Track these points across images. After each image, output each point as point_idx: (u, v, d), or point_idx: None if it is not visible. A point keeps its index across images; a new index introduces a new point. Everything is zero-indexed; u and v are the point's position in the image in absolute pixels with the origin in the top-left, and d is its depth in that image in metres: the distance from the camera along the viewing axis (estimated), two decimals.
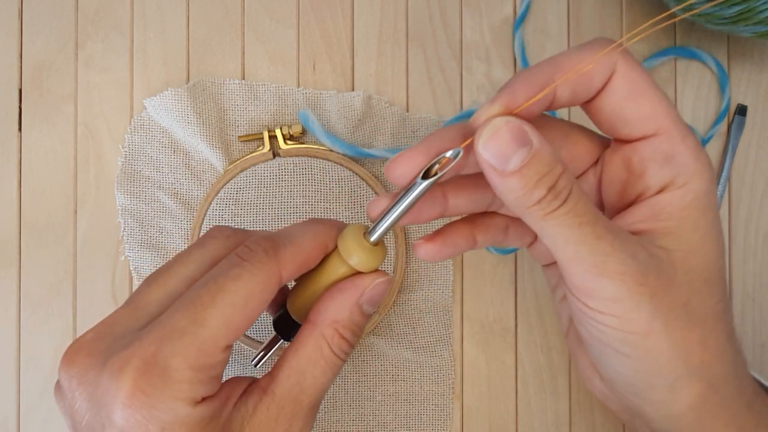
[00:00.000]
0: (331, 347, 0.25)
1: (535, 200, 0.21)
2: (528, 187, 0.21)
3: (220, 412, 0.24)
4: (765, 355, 0.41)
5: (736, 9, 0.35)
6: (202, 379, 0.23)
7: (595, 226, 0.22)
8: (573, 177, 0.22)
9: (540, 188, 0.21)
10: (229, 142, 0.40)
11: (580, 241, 0.22)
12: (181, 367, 0.22)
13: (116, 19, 0.41)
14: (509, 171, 0.21)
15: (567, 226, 0.22)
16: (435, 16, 0.41)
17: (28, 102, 0.40)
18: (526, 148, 0.21)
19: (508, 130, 0.21)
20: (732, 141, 0.41)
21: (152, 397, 0.22)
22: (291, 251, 0.24)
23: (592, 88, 0.23)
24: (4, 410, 0.39)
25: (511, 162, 0.21)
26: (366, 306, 0.26)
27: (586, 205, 0.22)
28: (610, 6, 0.42)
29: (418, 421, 0.40)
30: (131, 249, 0.40)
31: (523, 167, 0.21)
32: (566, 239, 0.22)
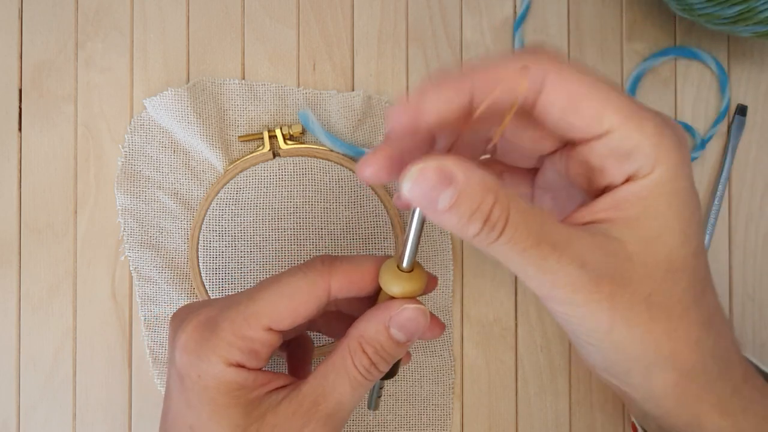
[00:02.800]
0: (353, 359, 0.27)
1: (472, 234, 0.22)
2: (462, 223, 0.21)
3: (251, 388, 0.27)
4: (765, 356, 0.41)
5: (736, 9, 0.35)
6: (241, 346, 0.26)
7: (539, 248, 0.22)
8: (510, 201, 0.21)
9: (474, 223, 0.21)
10: (229, 142, 0.40)
11: (526, 264, 0.22)
12: (226, 329, 0.26)
13: (116, 19, 0.41)
14: (440, 211, 0.21)
15: (510, 253, 0.22)
16: (435, 16, 0.41)
17: (28, 102, 0.40)
18: (452, 188, 0.21)
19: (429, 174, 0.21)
20: (732, 141, 0.41)
21: (199, 346, 0.26)
22: (344, 267, 0.27)
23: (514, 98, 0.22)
24: (4, 410, 0.39)
25: (439, 203, 0.21)
26: (395, 330, 0.26)
27: (527, 229, 0.21)
28: (610, 6, 0.42)
29: (418, 421, 0.40)
30: (131, 249, 0.40)
31: (452, 206, 0.21)
32: (513, 263, 0.22)
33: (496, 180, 0.22)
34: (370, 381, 0.27)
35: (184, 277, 0.40)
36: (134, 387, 0.40)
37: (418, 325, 0.27)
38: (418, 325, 0.27)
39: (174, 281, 0.39)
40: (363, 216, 0.39)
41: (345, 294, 0.28)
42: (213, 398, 0.26)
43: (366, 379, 0.27)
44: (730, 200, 0.42)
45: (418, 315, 0.26)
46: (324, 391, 0.27)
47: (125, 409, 0.40)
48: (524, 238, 0.21)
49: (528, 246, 0.21)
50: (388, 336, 0.27)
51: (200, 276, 0.39)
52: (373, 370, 0.27)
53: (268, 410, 0.27)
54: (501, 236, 0.21)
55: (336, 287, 0.27)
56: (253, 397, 0.27)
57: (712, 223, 0.41)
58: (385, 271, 0.27)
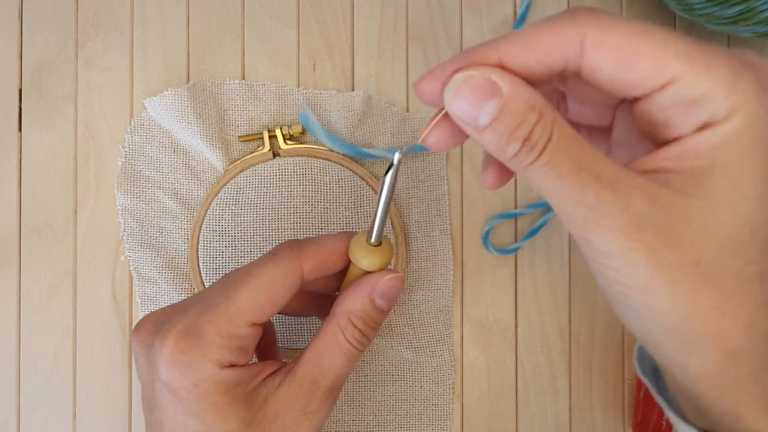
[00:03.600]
0: (345, 335, 0.28)
1: (511, 154, 0.20)
2: (502, 142, 0.20)
3: (246, 382, 0.27)
4: None
5: (736, 9, 0.35)
6: (230, 346, 0.27)
7: (579, 175, 0.19)
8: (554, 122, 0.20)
9: (514, 142, 0.20)
10: (229, 142, 0.40)
11: (563, 194, 0.20)
12: (212, 332, 0.26)
13: (116, 19, 0.41)
14: (481, 127, 0.20)
15: (547, 179, 0.20)
16: (435, 16, 0.41)
17: (28, 102, 0.40)
18: (495, 100, 0.20)
19: (469, 85, 0.20)
20: None
21: (187, 356, 0.26)
22: (313, 249, 0.29)
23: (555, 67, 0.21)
24: (4, 410, 0.39)
25: (480, 117, 0.20)
26: (378, 300, 0.29)
27: (568, 154, 0.20)
28: (610, 6, 0.42)
29: (418, 421, 0.40)
30: (131, 249, 0.40)
31: (493, 121, 0.20)
32: (549, 192, 0.20)
33: (543, 99, 0.20)
34: (361, 350, 0.29)
35: (184, 277, 0.40)
36: (134, 387, 0.40)
37: (397, 291, 0.29)
38: (397, 291, 0.29)
39: (174, 281, 0.39)
40: (363, 216, 0.39)
41: (316, 275, 0.29)
42: (214, 401, 0.27)
43: (358, 349, 0.29)
44: None
45: (397, 283, 0.29)
46: (321, 369, 0.28)
47: (125, 409, 0.40)
48: (563, 163, 0.20)
49: (566, 172, 0.20)
50: (374, 306, 0.29)
51: (200, 276, 0.39)
52: (364, 340, 0.29)
53: (268, 397, 0.28)
54: (539, 158, 0.20)
55: (308, 270, 0.29)
56: (250, 389, 0.28)
57: None
58: (355, 247, 0.29)
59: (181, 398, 0.27)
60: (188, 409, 0.27)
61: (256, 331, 0.28)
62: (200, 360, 0.26)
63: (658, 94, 0.20)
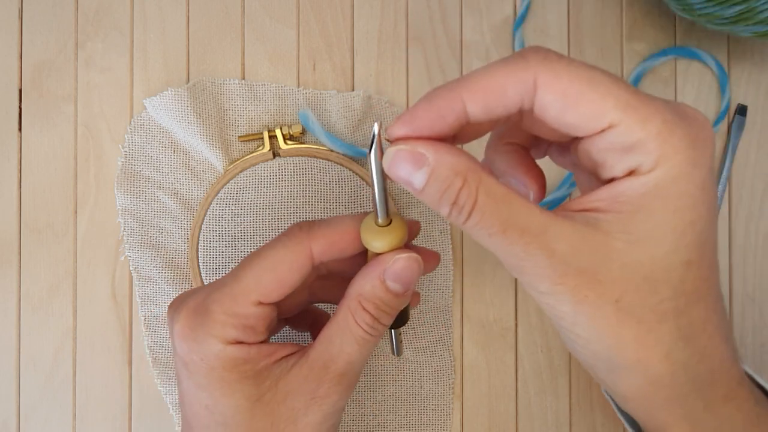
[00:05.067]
0: (355, 318, 0.28)
1: (445, 214, 0.23)
2: (434, 204, 0.23)
3: (257, 360, 0.28)
4: (765, 355, 0.41)
5: (736, 9, 0.35)
6: (234, 324, 0.27)
7: (505, 234, 0.22)
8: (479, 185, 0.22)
9: (444, 204, 0.23)
10: (229, 142, 0.40)
11: (495, 248, 0.23)
12: (217, 310, 0.27)
13: (116, 19, 0.41)
14: (417, 190, 0.23)
15: (480, 237, 0.23)
16: (435, 16, 0.41)
17: (28, 102, 0.40)
18: (423, 169, 0.22)
19: (401, 157, 0.23)
20: (732, 141, 0.41)
21: (195, 332, 0.27)
22: (323, 230, 0.28)
23: (511, 107, 0.22)
24: (4, 410, 0.39)
25: (415, 183, 0.23)
26: (391, 282, 0.27)
27: (494, 214, 0.22)
28: (610, 6, 0.42)
29: (418, 421, 0.40)
30: (131, 249, 0.40)
31: (424, 186, 0.23)
32: (485, 245, 0.23)
33: (470, 163, 0.22)
34: (375, 336, 0.28)
35: (184, 277, 0.40)
36: (134, 387, 0.40)
37: (413, 272, 0.27)
38: (413, 272, 0.27)
39: (174, 281, 0.39)
40: None
41: (329, 256, 0.28)
42: (221, 376, 0.27)
43: (371, 335, 0.28)
44: (730, 200, 0.42)
45: (410, 263, 0.27)
46: (332, 353, 0.28)
47: (125, 409, 0.40)
48: (491, 224, 0.22)
49: (494, 232, 0.22)
50: (386, 289, 0.27)
51: (200, 276, 0.39)
52: (377, 325, 0.28)
53: (280, 378, 0.28)
54: (469, 219, 0.22)
55: (318, 251, 0.28)
56: (260, 367, 0.28)
57: None
58: (364, 229, 0.27)
59: (192, 372, 0.28)
60: (198, 382, 0.28)
61: (264, 311, 0.28)
62: (205, 336, 0.27)
63: (597, 137, 0.22)
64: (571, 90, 0.21)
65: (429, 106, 0.23)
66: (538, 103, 0.22)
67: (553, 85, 0.22)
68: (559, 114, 0.22)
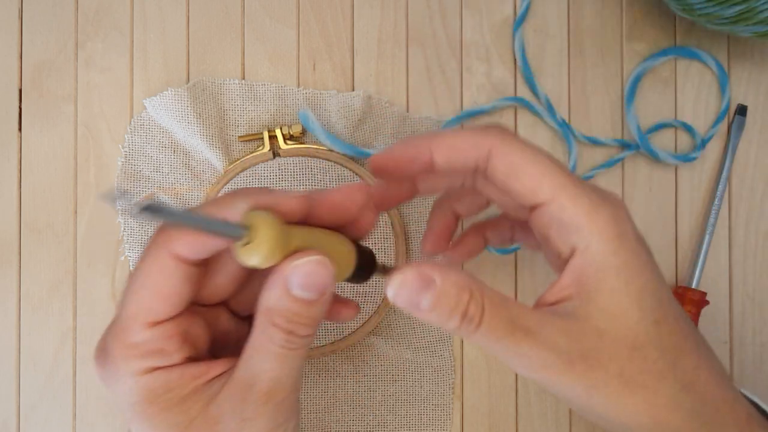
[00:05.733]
0: (268, 335, 0.25)
1: (454, 328, 0.24)
2: (443, 320, 0.24)
3: (180, 385, 0.25)
4: (765, 355, 0.41)
5: (736, 9, 0.35)
6: (136, 354, 0.25)
7: (513, 336, 0.24)
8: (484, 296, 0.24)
9: (453, 319, 0.24)
10: (229, 142, 0.40)
11: (504, 351, 0.24)
12: (115, 346, 0.25)
13: (116, 19, 0.41)
14: (424, 311, 0.24)
15: (488, 342, 0.24)
16: (435, 16, 0.41)
17: (28, 102, 0.40)
18: (431, 290, 0.24)
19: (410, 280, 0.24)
20: (732, 141, 0.41)
21: (105, 373, 0.26)
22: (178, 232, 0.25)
23: (468, 165, 0.26)
24: (4, 410, 0.39)
25: (422, 305, 0.24)
26: (297, 291, 0.24)
27: (501, 320, 0.24)
28: (610, 6, 0.42)
29: (418, 421, 0.40)
30: (131, 249, 0.40)
31: (433, 306, 0.24)
32: (494, 351, 0.25)
33: (470, 278, 0.24)
34: (296, 349, 0.25)
35: None
36: None
37: (320, 275, 0.24)
38: (320, 275, 0.24)
39: None
40: None
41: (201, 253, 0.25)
42: (143, 410, 0.25)
43: (290, 349, 0.25)
44: (730, 200, 0.42)
45: (313, 266, 0.24)
46: (253, 372, 0.25)
47: None
48: (499, 328, 0.24)
49: (502, 335, 0.24)
50: (294, 299, 0.24)
51: None
52: (293, 338, 0.25)
53: (211, 400, 0.26)
54: (479, 328, 0.24)
55: (184, 251, 0.24)
56: (188, 392, 0.26)
57: (712, 223, 0.41)
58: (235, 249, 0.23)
59: (123, 411, 0.26)
60: (129, 420, 0.26)
61: (165, 329, 0.25)
62: (115, 375, 0.26)
63: (538, 211, 0.25)
64: (517, 163, 0.25)
65: (404, 149, 0.26)
66: (490, 168, 0.26)
67: (504, 156, 0.25)
68: (505, 180, 0.26)
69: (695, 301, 0.39)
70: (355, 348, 0.40)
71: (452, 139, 0.26)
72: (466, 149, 0.26)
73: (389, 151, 0.27)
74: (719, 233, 0.41)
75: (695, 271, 0.40)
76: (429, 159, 0.27)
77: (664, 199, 0.41)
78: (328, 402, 0.40)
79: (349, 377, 0.40)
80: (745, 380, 0.41)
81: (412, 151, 0.27)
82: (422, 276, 0.24)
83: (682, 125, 0.41)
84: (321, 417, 0.39)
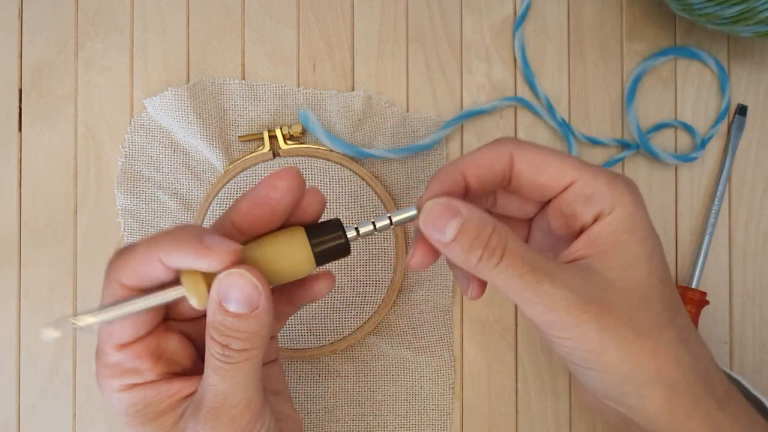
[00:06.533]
0: (208, 349, 0.26)
1: (475, 260, 0.25)
2: (466, 251, 0.25)
3: (156, 401, 0.27)
4: (765, 355, 0.41)
5: (736, 9, 0.35)
6: (111, 374, 0.27)
7: (535, 273, 0.25)
8: (507, 234, 0.26)
9: (476, 250, 0.25)
10: (229, 142, 0.40)
11: (525, 288, 0.25)
12: (98, 364, 0.28)
13: (116, 19, 0.41)
14: (448, 240, 0.25)
15: (511, 278, 0.25)
16: (435, 16, 0.41)
17: (28, 102, 0.40)
18: (457, 219, 0.25)
19: (437, 207, 0.26)
20: (732, 141, 0.41)
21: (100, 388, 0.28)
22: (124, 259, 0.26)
23: (497, 176, 0.28)
24: (4, 410, 0.39)
25: (447, 233, 0.25)
26: (228, 305, 0.25)
27: (524, 257, 0.25)
28: (610, 6, 0.42)
29: (418, 421, 0.40)
30: None
31: (457, 235, 0.25)
32: (514, 289, 0.25)
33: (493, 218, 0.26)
34: (235, 363, 0.26)
35: None
36: None
37: (245, 288, 0.25)
38: (245, 288, 0.25)
39: None
40: (363, 216, 0.39)
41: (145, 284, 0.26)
42: (129, 422, 0.28)
43: (228, 363, 0.26)
44: (730, 200, 0.42)
45: (237, 280, 0.25)
46: (203, 387, 0.26)
47: None
48: (522, 264, 0.25)
49: (526, 271, 0.25)
50: (226, 313, 0.25)
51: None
52: (230, 352, 0.25)
53: (181, 416, 0.27)
54: (501, 261, 0.25)
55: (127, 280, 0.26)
56: (163, 408, 0.27)
57: (712, 223, 0.41)
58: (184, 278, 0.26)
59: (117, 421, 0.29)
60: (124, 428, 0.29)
61: (134, 349, 0.27)
62: (103, 389, 0.28)
63: (564, 193, 0.27)
64: (538, 159, 0.27)
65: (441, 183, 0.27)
66: (515, 172, 0.28)
67: (525, 157, 0.27)
68: (532, 177, 0.27)
69: (695, 301, 0.39)
70: (355, 348, 0.40)
71: (476, 157, 0.28)
72: (492, 163, 0.27)
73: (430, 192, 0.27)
74: (719, 233, 0.41)
75: (695, 271, 0.40)
76: (463, 182, 0.28)
77: (664, 199, 0.41)
78: (328, 402, 0.40)
79: (349, 377, 0.40)
80: None
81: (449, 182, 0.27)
82: (449, 206, 0.26)
83: (682, 125, 0.41)
84: (321, 417, 0.39)
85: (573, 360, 0.27)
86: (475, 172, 0.27)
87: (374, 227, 0.28)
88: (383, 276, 0.39)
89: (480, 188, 0.28)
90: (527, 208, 0.30)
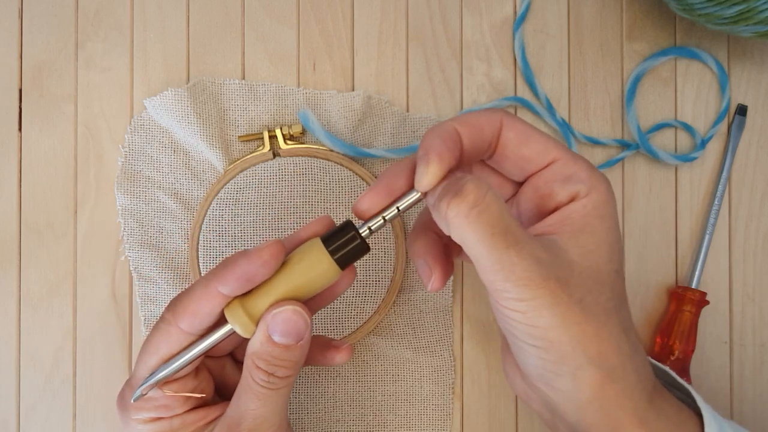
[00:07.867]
0: (252, 376, 0.29)
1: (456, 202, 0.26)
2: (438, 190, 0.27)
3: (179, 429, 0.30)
4: (765, 355, 0.41)
5: (736, 9, 0.35)
6: (143, 406, 0.30)
7: (504, 237, 0.25)
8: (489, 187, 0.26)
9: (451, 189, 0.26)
10: (229, 142, 0.40)
11: (491, 250, 0.25)
12: (127, 397, 0.30)
13: (116, 19, 0.41)
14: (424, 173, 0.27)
15: (480, 232, 0.25)
16: (435, 16, 0.41)
17: (28, 102, 0.40)
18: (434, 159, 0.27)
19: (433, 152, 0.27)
20: (732, 141, 0.41)
21: (121, 416, 0.31)
22: (183, 303, 0.29)
23: (486, 140, 0.29)
24: (4, 410, 0.39)
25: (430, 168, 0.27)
26: (277, 337, 0.28)
27: (499, 217, 0.25)
28: (610, 6, 0.42)
29: (418, 421, 0.40)
30: (131, 249, 0.40)
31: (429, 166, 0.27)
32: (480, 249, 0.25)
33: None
34: (276, 389, 0.29)
35: (184, 277, 0.40)
36: None
37: (296, 323, 0.28)
38: (296, 323, 0.28)
39: (174, 281, 0.39)
40: None
41: (201, 326, 0.29)
42: None
43: (270, 389, 0.29)
44: (730, 200, 0.42)
45: (290, 315, 0.28)
46: (240, 411, 0.29)
47: None
48: (495, 223, 0.25)
49: (497, 232, 0.25)
50: (273, 344, 0.28)
51: (200, 276, 0.39)
52: (275, 380, 0.29)
53: None
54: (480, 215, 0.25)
55: (186, 326, 0.29)
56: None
57: (712, 223, 0.41)
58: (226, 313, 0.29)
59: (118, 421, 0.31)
60: None
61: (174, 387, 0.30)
62: (127, 421, 0.30)
63: (544, 170, 0.29)
64: (525, 131, 0.29)
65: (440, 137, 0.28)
66: (502, 140, 0.29)
67: (513, 126, 0.29)
68: (517, 148, 0.29)
69: (695, 301, 0.39)
70: (355, 348, 0.40)
71: (469, 118, 0.29)
72: (483, 125, 0.28)
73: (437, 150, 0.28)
74: (719, 233, 0.41)
75: (695, 271, 0.40)
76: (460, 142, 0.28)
77: (664, 199, 0.41)
78: (329, 402, 0.40)
79: (349, 377, 0.40)
80: (744, 380, 0.41)
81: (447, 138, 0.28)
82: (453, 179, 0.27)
83: (682, 125, 0.41)
84: (321, 417, 0.39)
85: (515, 333, 0.27)
86: (468, 131, 0.28)
87: (384, 220, 0.29)
88: (383, 276, 0.39)
89: (470, 149, 0.29)
90: (504, 191, 0.31)
